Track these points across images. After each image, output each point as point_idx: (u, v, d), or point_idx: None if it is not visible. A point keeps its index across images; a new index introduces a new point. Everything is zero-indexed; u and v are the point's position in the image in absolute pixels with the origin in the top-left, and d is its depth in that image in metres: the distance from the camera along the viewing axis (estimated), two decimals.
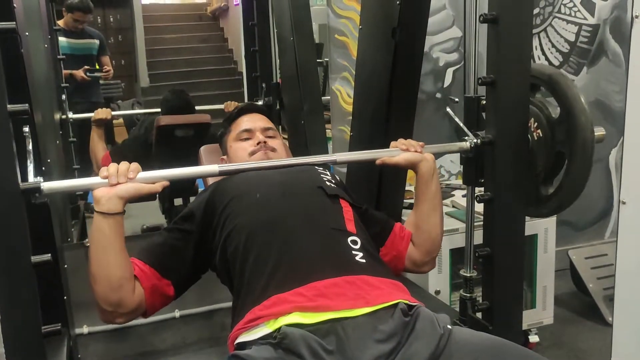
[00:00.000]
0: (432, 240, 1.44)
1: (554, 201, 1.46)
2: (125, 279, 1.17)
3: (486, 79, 1.43)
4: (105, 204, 1.15)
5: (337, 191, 1.33)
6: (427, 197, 1.42)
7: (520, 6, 1.41)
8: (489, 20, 1.40)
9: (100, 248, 1.15)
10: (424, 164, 1.42)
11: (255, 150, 1.50)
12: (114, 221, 1.15)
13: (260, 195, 1.27)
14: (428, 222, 1.43)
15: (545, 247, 2.23)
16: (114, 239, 1.15)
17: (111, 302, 1.16)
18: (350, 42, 2.53)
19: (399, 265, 1.44)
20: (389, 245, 1.42)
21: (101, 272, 1.15)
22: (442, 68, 2.70)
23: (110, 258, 1.15)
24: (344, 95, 2.59)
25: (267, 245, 1.18)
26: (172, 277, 1.25)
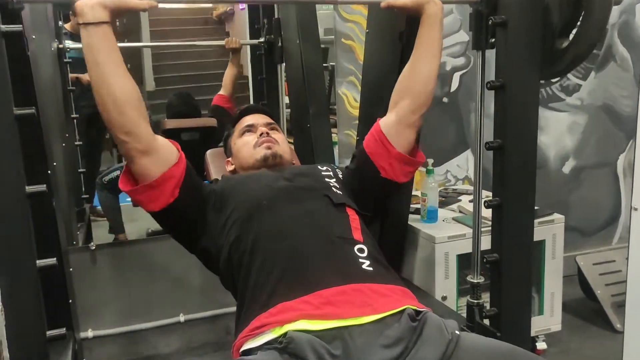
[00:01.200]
0: (422, 93, 1.38)
1: (569, 54, 1.39)
2: (130, 103, 1.14)
3: None
4: (89, 12, 1.10)
5: (344, 199, 1.31)
6: (429, 42, 1.37)
7: None
8: None
9: (96, 67, 1.11)
10: (431, 5, 1.36)
11: (259, 141, 1.48)
12: (102, 31, 1.11)
13: (266, 202, 1.26)
14: (423, 71, 1.38)
15: (553, 253, 2.21)
16: (107, 52, 1.11)
17: (122, 128, 1.14)
18: (356, 46, 2.52)
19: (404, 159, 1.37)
20: (384, 165, 1.37)
21: (104, 94, 1.12)
22: (448, 72, 2.68)
23: (109, 78, 1.12)
24: (350, 99, 2.58)
25: (273, 253, 1.17)
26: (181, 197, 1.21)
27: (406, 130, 1.38)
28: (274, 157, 1.46)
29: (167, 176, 1.19)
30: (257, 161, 1.46)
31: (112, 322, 2.23)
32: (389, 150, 1.37)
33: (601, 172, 3.03)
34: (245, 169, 1.50)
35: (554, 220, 2.20)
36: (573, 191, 2.98)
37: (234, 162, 1.55)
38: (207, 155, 1.89)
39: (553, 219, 2.20)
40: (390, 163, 1.37)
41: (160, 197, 1.20)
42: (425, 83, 1.38)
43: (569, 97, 2.88)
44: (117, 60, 1.14)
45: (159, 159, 1.19)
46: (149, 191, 1.19)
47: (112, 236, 3.01)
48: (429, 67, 1.39)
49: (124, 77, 1.15)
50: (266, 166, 1.45)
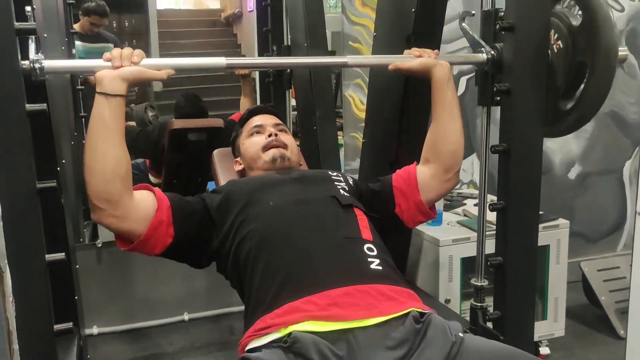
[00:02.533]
0: (453, 153, 1.39)
1: (573, 115, 1.39)
2: (120, 175, 1.11)
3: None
4: (108, 84, 1.11)
5: (351, 200, 1.32)
6: (443, 106, 1.38)
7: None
8: None
9: (99, 134, 1.11)
10: (438, 68, 1.37)
11: (267, 143, 1.49)
12: (115, 103, 1.11)
13: (273, 203, 1.26)
14: (446, 133, 1.38)
15: (558, 258, 2.21)
16: (114, 124, 1.11)
17: (103, 197, 1.10)
18: (364, 49, 2.54)
19: (421, 208, 1.39)
20: (402, 202, 1.38)
21: (96, 161, 1.10)
22: (455, 77, 2.68)
23: (107, 147, 1.10)
24: (357, 102, 2.59)
25: (279, 254, 1.17)
26: (178, 232, 1.20)
27: (438, 185, 1.40)
28: (282, 160, 1.47)
29: (154, 225, 1.17)
30: (265, 163, 1.47)
31: (117, 319, 2.25)
32: (414, 195, 1.38)
33: (607, 178, 3.02)
34: (253, 170, 1.50)
35: (559, 225, 2.20)
36: (578, 197, 2.98)
37: (242, 162, 1.56)
38: (214, 154, 1.91)
39: (558, 224, 2.21)
40: (409, 206, 1.39)
41: (158, 243, 1.19)
42: (451, 143, 1.39)
43: None
44: (121, 131, 1.14)
45: (139, 217, 1.16)
46: (145, 244, 1.18)
47: None
48: (452, 128, 1.40)
49: (121, 148, 1.13)
50: (274, 168, 1.46)
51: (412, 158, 1.99)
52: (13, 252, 0.94)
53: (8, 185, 0.98)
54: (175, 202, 1.22)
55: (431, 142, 1.41)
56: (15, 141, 1.04)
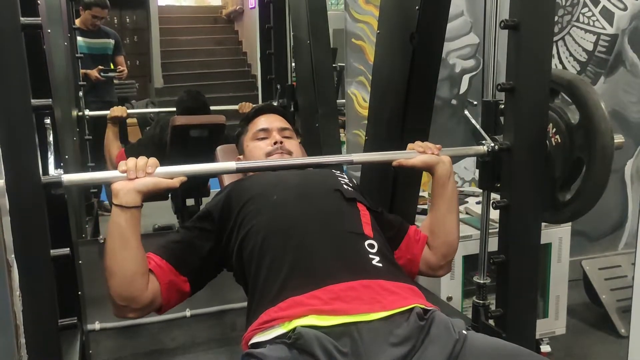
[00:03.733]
0: (448, 244, 1.43)
1: (571, 207, 1.45)
2: (140, 274, 1.17)
3: (505, 85, 1.43)
4: (124, 197, 1.15)
5: (354, 194, 1.32)
6: (443, 199, 1.42)
7: (542, 13, 1.40)
8: (510, 26, 1.40)
9: (117, 242, 1.16)
10: (440, 166, 1.41)
11: (272, 151, 1.50)
12: (131, 214, 1.16)
13: (277, 197, 1.27)
14: (444, 225, 1.42)
15: (559, 256, 2.21)
16: (131, 232, 1.16)
17: (125, 296, 1.16)
18: (366, 46, 2.54)
19: (413, 269, 1.43)
20: (404, 249, 1.42)
21: (116, 266, 1.16)
22: (458, 74, 2.69)
23: (126, 252, 1.15)
24: (360, 99, 2.59)
25: (283, 248, 1.18)
26: (189, 274, 1.25)
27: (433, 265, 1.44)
28: None
29: (165, 290, 1.22)
30: None
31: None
32: (417, 253, 1.42)
33: None
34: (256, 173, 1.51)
35: (562, 225, 2.21)
36: None
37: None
38: (217, 151, 1.91)
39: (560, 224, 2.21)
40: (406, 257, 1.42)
41: (180, 294, 1.26)
42: (448, 234, 1.43)
43: None
44: (137, 236, 1.18)
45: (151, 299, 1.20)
46: (170, 304, 1.25)
47: None
48: (449, 221, 1.43)
49: (139, 251, 1.18)
50: None
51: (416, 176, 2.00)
52: (19, 247, 0.94)
53: (15, 180, 0.98)
54: (170, 254, 1.25)
55: (429, 230, 1.45)
56: (21, 136, 1.04)
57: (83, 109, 2.97)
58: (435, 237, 1.43)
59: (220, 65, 6.75)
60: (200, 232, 1.30)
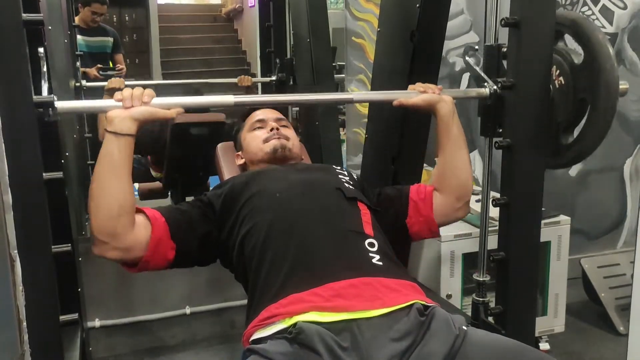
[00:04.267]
0: (461, 184, 1.40)
1: (573, 150, 1.42)
2: (126, 210, 1.13)
3: (510, 20, 1.39)
4: (118, 124, 1.13)
5: (355, 193, 1.32)
6: (449, 139, 1.40)
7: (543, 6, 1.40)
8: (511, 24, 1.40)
9: (106, 171, 1.13)
10: (442, 105, 1.39)
11: (269, 137, 1.50)
12: (125, 142, 1.13)
13: (279, 195, 1.27)
14: (454, 164, 1.40)
15: (559, 254, 2.22)
16: (122, 162, 1.13)
17: (108, 232, 1.12)
18: (367, 44, 2.54)
19: (432, 228, 1.41)
20: (413, 214, 1.40)
21: (103, 197, 1.12)
22: (458, 73, 2.70)
23: (114, 184, 1.12)
24: None
25: (285, 245, 1.18)
26: (179, 243, 1.22)
27: (450, 213, 1.42)
28: (282, 149, 1.48)
29: (154, 244, 1.18)
30: (266, 154, 1.48)
31: (119, 312, 2.25)
32: (427, 211, 1.40)
33: (608, 176, 3.03)
34: (255, 163, 1.51)
35: (560, 221, 2.21)
36: (579, 194, 2.99)
37: (244, 156, 1.57)
38: (218, 148, 1.91)
39: (559, 221, 2.22)
40: (419, 220, 1.40)
41: (163, 258, 1.21)
42: (460, 175, 1.41)
43: None
44: (129, 168, 1.15)
45: (138, 243, 1.17)
46: (148, 264, 1.20)
47: None
48: (459, 159, 1.41)
49: (128, 185, 1.15)
50: (275, 160, 1.47)
51: (414, 153, 2.01)
52: (21, 242, 0.95)
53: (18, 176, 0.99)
54: (170, 216, 1.23)
55: (440, 175, 1.43)
56: (24, 133, 1.05)
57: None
58: (446, 180, 1.40)
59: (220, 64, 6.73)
60: (201, 213, 1.28)
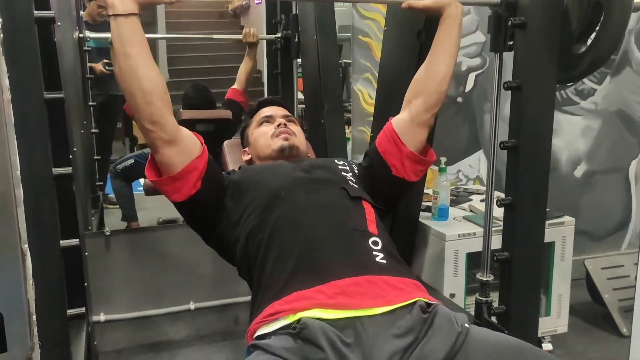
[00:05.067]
0: (439, 91, 1.39)
1: (588, 57, 1.40)
2: (158, 96, 1.17)
3: None
4: (119, 5, 1.14)
5: (359, 192, 1.33)
6: (445, 41, 1.40)
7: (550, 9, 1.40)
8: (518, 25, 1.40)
9: (124, 58, 1.15)
10: (452, 7, 1.39)
11: (277, 132, 1.51)
12: (130, 23, 1.15)
13: (285, 193, 1.28)
14: (440, 68, 1.39)
15: (562, 255, 2.22)
16: (136, 42, 1.15)
17: (148, 118, 1.17)
18: (373, 43, 2.54)
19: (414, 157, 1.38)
20: (395, 163, 1.39)
21: (132, 86, 1.16)
22: (464, 72, 2.70)
23: (137, 69, 1.15)
24: (365, 96, 2.60)
25: (290, 244, 1.19)
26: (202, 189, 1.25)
27: (418, 129, 1.40)
28: (290, 149, 1.49)
29: (190, 168, 1.22)
30: (273, 151, 1.49)
31: (124, 307, 2.26)
32: (401, 149, 1.38)
33: (612, 177, 3.03)
34: (262, 159, 1.53)
35: (564, 222, 2.21)
36: (584, 195, 2.99)
37: (251, 152, 1.58)
38: (224, 146, 1.92)
39: (563, 221, 2.22)
40: (402, 162, 1.39)
41: (183, 188, 1.24)
42: (440, 83, 1.40)
43: (584, 101, 2.89)
44: (146, 51, 1.18)
45: (183, 150, 1.22)
46: (172, 182, 1.23)
47: (124, 224, 3.06)
48: (445, 67, 1.41)
49: (152, 68, 1.18)
50: (282, 157, 1.48)
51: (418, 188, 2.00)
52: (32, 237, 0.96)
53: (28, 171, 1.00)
54: (212, 162, 1.28)
55: (419, 83, 1.41)
56: (34, 128, 1.06)
57: (90, 102, 2.99)
58: (425, 84, 1.39)
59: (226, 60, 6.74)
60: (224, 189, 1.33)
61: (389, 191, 1.40)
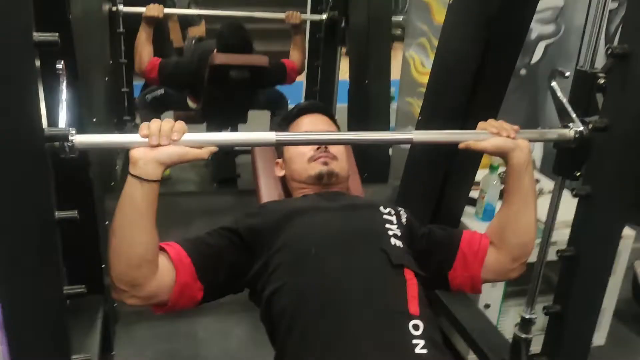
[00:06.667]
0: (522, 245, 1.22)
1: None
2: (147, 260, 1.02)
3: (617, 50, 1.13)
4: (143, 167, 0.99)
5: (402, 258, 1.15)
6: (519, 193, 1.20)
7: None
8: None
9: (127, 219, 1.01)
10: (517, 153, 1.17)
11: (315, 155, 1.33)
12: (149, 188, 0.99)
13: (315, 251, 1.11)
14: (518, 223, 1.21)
15: (615, 269, 2.00)
16: (145, 210, 1.00)
17: (128, 281, 1.02)
18: (434, 4, 2.22)
19: (475, 286, 1.25)
20: (459, 267, 1.23)
21: (124, 246, 1.01)
22: (533, 41, 2.36)
23: (135, 232, 1.00)
24: (417, 64, 2.31)
25: (318, 320, 1.04)
26: (207, 283, 1.11)
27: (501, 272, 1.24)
28: (329, 176, 1.31)
29: (179, 291, 1.07)
30: (310, 177, 1.32)
31: None
32: (476, 268, 1.22)
33: None
34: (295, 182, 1.36)
35: (624, 236, 1.98)
36: None
37: (285, 169, 1.41)
38: (255, 151, 1.69)
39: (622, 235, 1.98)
40: (464, 275, 1.23)
41: (190, 300, 1.09)
42: (522, 235, 1.21)
43: None
44: (152, 215, 1.01)
45: (159, 291, 1.05)
46: (176, 306, 1.08)
47: None
48: (524, 218, 1.20)
49: (151, 234, 1.02)
50: (320, 184, 1.32)
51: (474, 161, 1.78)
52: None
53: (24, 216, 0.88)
54: (196, 254, 1.10)
55: (499, 227, 1.23)
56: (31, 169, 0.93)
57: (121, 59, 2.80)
58: (506, 237, 1.22)
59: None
60: (230, 243, 1.15)
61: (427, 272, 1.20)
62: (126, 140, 1.02)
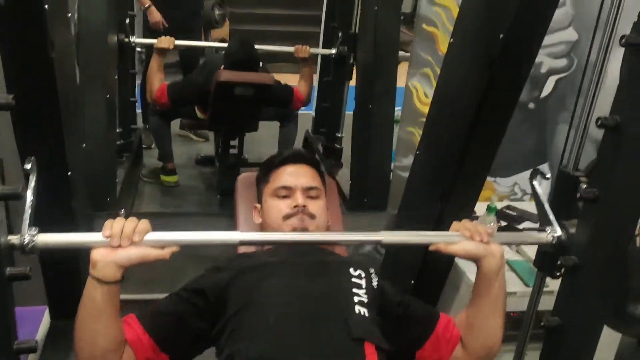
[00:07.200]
0: (488, 347, 1.18)
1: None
2: (111, 350, 1.03)
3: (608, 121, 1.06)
4: (101, 269, 0.99)
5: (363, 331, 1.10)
6: (487, 297, 1.16)
7: None
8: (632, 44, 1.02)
9: (89, 315, 1.01)
10: (488, 259, 1.13)
11: (291, 213, 1.29)
12: (108, 290, 1.00)
13: (274, 321, 1.08)
14: (485, 327, 1.17)
15: None
16: (105, 307, 1.00)
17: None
18: (439, 34, 2.17)
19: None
20: (429, 349, 1.19)
21: (86, 339, 1.02)
22: (543, 75, 2.30)
23: (98, 326, 1.01)
24: (420, 94, 2.26)
25: None
26: (171, 352, 1.11)
27: None
28: (302, 231, 1.29)
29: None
30: None
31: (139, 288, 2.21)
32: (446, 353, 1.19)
33: None
34: None
35: None
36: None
37: (262, 217, 1.38)
38: (238, 180, 1.67)
39: None
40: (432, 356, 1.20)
41: None
42: (488, 337, 1.17)
43: None
44: (115, 310, 1.01)
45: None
46: None
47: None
48: (491, 323, 1.16)
49: (114, 327, 1.02)
50: None
51: (472, 191, 1.72)
52: None
53: None
54: (156, 327, 1.10)
55: (467, 327, 1.19)
56: None
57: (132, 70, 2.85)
58: (472, 338, 1.18)
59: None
60: (193, 308, 1.14)
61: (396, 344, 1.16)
62: (88, 240, 1.03)
